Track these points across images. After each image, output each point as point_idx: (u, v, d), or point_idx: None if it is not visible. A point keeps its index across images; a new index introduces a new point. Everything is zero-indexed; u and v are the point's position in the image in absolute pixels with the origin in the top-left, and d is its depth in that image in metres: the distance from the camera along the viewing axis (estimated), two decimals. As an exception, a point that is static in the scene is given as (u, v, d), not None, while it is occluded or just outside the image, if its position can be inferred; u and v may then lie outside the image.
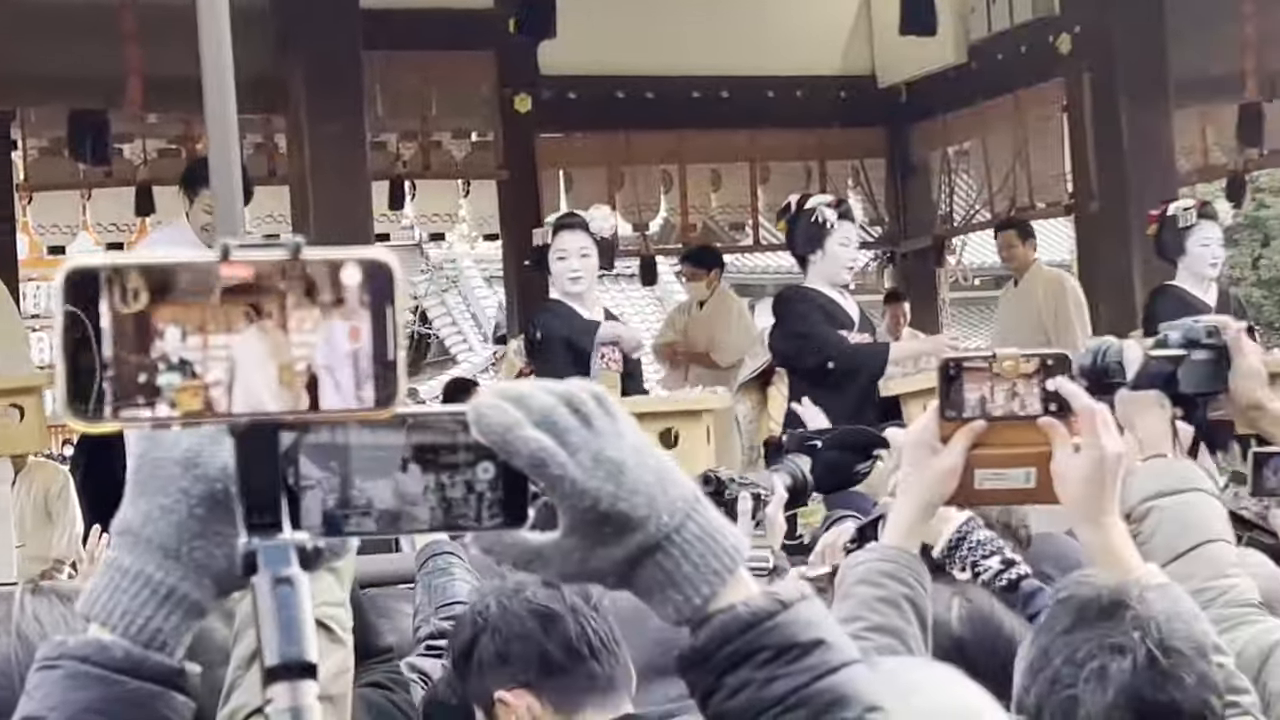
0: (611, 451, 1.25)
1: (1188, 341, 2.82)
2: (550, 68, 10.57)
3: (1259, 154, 11.49)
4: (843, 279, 7.81)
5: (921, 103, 11.64)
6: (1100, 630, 2.09)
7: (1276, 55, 9.48)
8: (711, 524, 1.28)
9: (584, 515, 1.25)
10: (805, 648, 1.27)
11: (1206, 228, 8.15)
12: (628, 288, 21.41)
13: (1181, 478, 2.75)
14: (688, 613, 1.27)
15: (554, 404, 1.25)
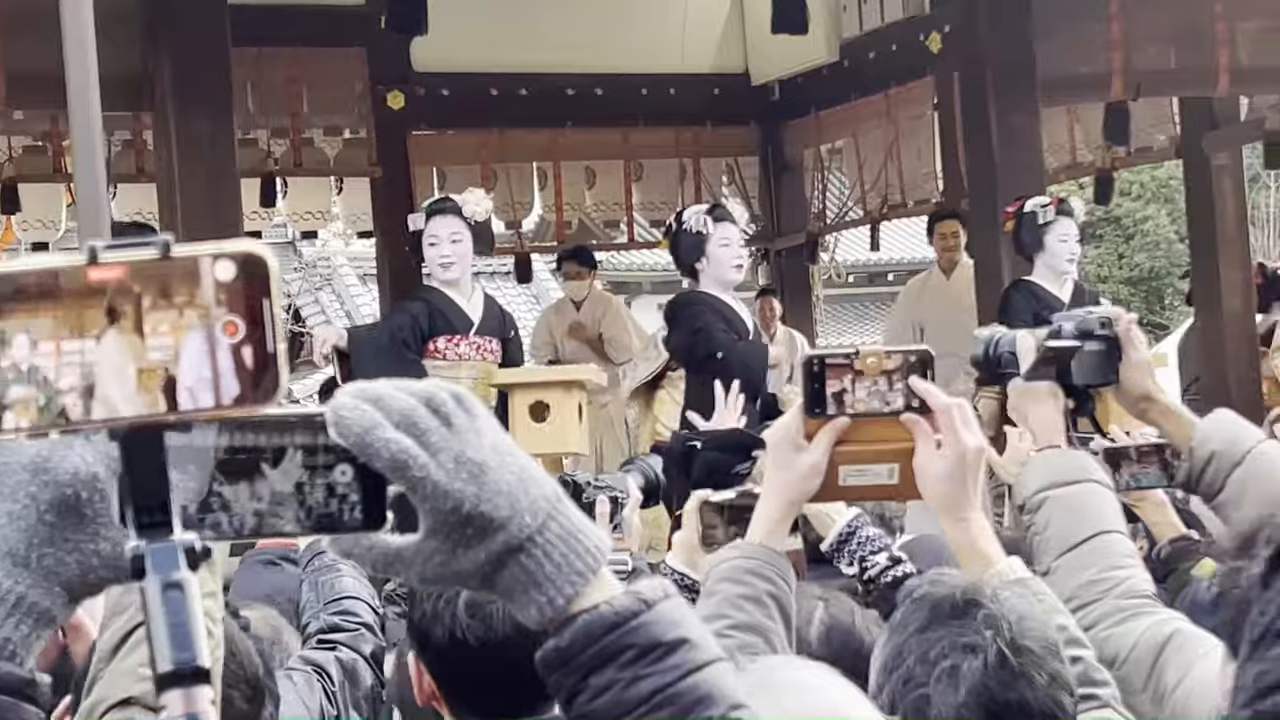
0: (473, 452, 1.24)
1: (1081, 333, 2.82)
2: (423, 64, 10.51)
3: (1125, 152, 11.67)
4: (732, 278, 7.87)
5: (794, 100, 11.70)
6: (953, 629, 2.10)
7: (1142, 55, 9.61)
8: (573, 524, 1.28)
9: (446, 517, 1.23)
10: (670, 647, 1.27)
11: (1064, 224, 8.26)
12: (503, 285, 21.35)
13: (1075, 468, 2.76)
14: (551, 613, 1.27)
15: (414, 405, 1.24)
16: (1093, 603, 2.62)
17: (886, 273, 30.94)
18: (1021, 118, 8.99)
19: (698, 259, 7.81)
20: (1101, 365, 2.83)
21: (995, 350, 2.95)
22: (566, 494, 3.33)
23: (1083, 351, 2.82)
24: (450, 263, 7.61)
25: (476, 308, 7.75)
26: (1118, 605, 2.61)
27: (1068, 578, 2.66)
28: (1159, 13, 9.56)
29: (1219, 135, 11.37)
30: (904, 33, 10.37)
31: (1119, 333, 2.83)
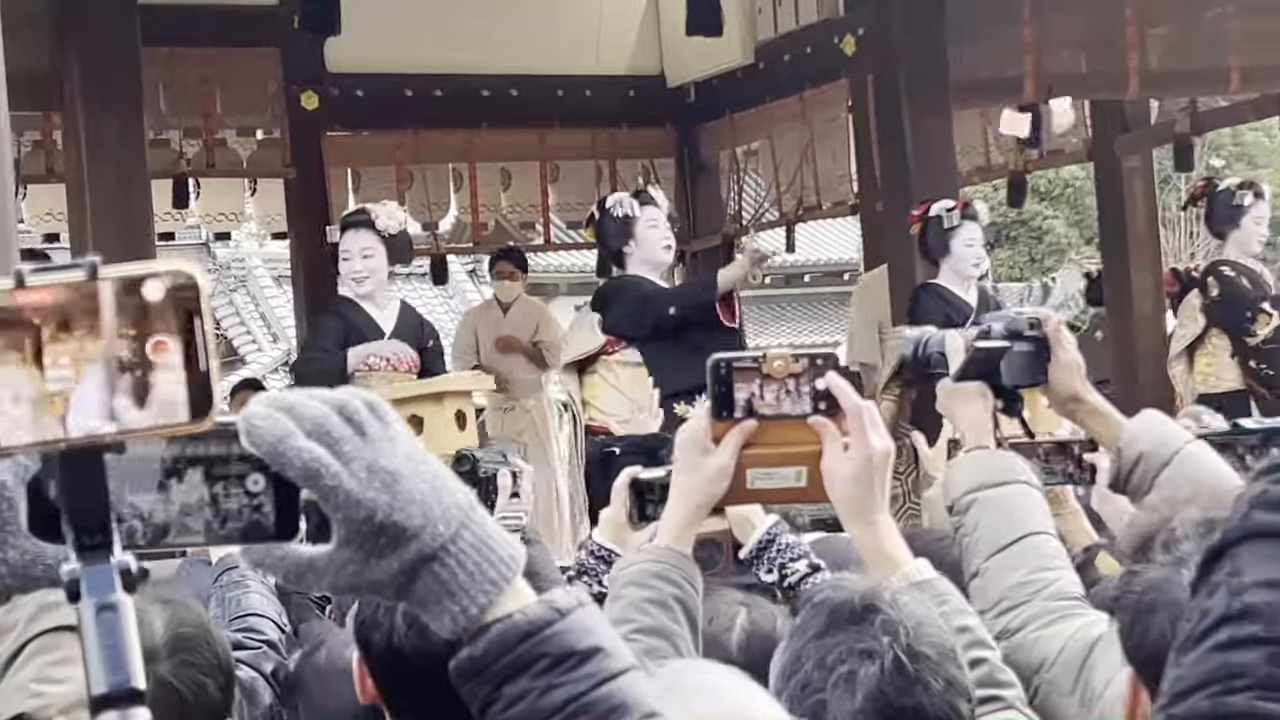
0: (386, 461, 1.24)
1: (1010, 334, 2.82)
2: (337, 65, 10.46)
3: (1038, 155, 11.77)
4: (663, 258, 7.90)
5: (710, 102, 11.72)
6: (851, 634, 2.09)
7: (1054, 58, 9.69)
8: (487, 532, 1.28)
9: (359, 527, 1.23)
10: (583, 655, 1.27)
11: (969, 228, 8.30)
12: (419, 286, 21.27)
13: (1004, 470, 2.77)
14: (464, 622, 1.26)
15: (326, 413, 1.23)
16: (1022, 604, 2.63)
17: (803, 274, 31.08)
18: (934, 120, 9.04)
19: (625, 243, 7.83)
20: (1030, 366, 2.83)
21: (924, 350, 2.95)
22: (464, 469, 3.34)
23: (1011, 352, 2.81)
24: (363, 277, 7.61)
25: (390, 318, 7.73)
26: (1046, 607, 2.62)
27: (996, 579, 2.67)
28: (1071, 17, 9.64)
29: (1130, 138, 11.49)
30: (818, 35, 10.41)
31: (1048, 333, 2.83)
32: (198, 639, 2.79)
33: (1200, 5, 9.85)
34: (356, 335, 7.60)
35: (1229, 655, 1.28)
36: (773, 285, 29.41)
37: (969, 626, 2.34)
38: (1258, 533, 1.33)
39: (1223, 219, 9.16)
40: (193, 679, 2.74)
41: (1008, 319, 2.86)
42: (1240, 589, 1.31)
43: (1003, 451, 2.83)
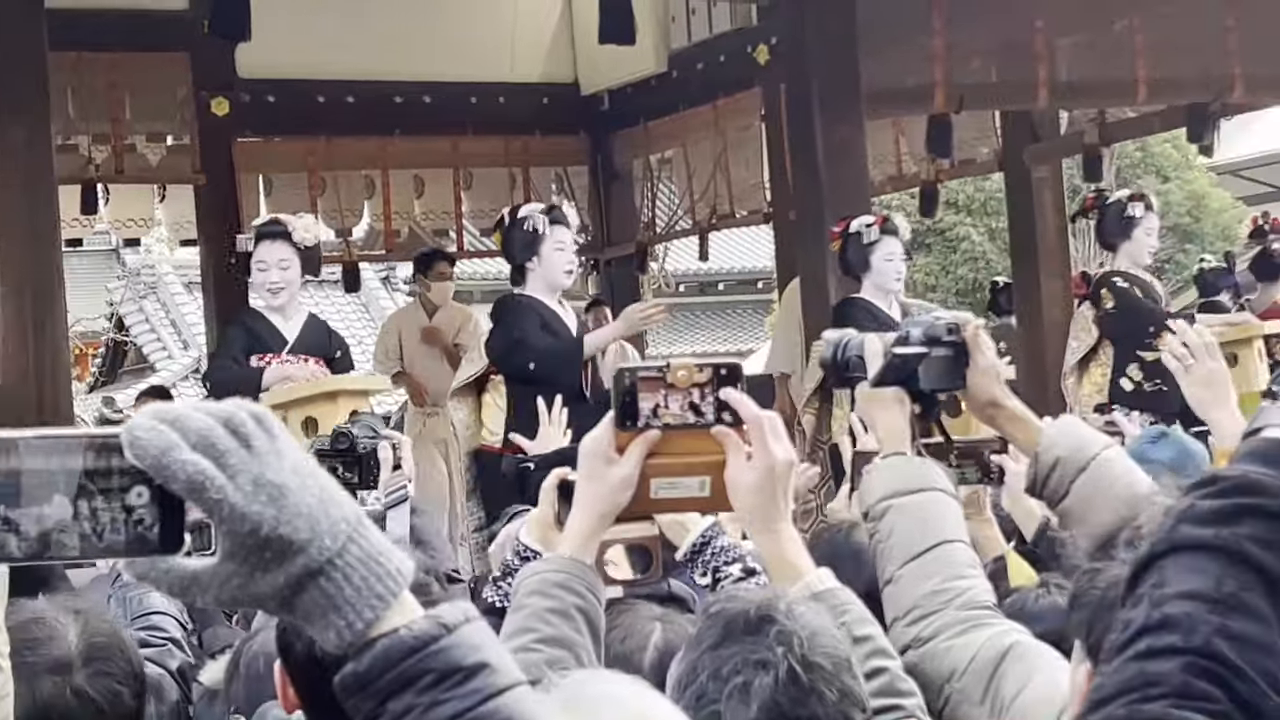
0: (272, 474, 1.22)
1: (928, 339, 2.81)
2: (249, 70, 10.38)
3: (949, 164, 11.85)
4: (563, 282, 7.85)
5: (624, 110, 11.73)
6: (746, 645, 2.10)
7: (964, 69, 9.76)
8: (375, 547, 1.27)
9: (244, 540, 1.21)
10: (469, 671, 1.26)
11: (889, 243, 8.33)
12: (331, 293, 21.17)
13: (919, 476, 2.76)
14: (350, 637, 1.25)
15: (212, 425, 1.21)
16: (934, 613, 2.63)
17: (717, 282, 31.17)
18: (846, 129, 9.07)
19: (529, 258, 7.79)
20: (948, 371, 2.82)
21: (843, 354, 2.93)
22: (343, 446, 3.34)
23: (930, 357, 2.80)
24: (279, 289, 7.56)
25: (294, 329, 7.68)
26: (958, 616, 2.61)
27: (910, 587, 2.66)
28: (981, 27, 9.71)
29: (1039, 148, 11.60)
30: (732, 44, 10.45)
31: (966, 338, 2.83)
32: (111, 648, 2.78)
33: (1108, 17, 9.94)
34: (260, 345, 7.56)
35: (1146, 664, 1.30)
36: (686, 293, 29.48)
37: (869, 636, 2.34)
38: (1183, 545, 1.35)
39: (1114, 231, 9.20)
40: (108, 688, 2.73)
41: (926, 324, 2.85)
42: (1161, 600, 1.33)
43: (919, 458, 2.83)
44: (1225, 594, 1.32)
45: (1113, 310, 8.92)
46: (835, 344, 2.94)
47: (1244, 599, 1.32)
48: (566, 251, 7.83)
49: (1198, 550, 1.34)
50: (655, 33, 10.99)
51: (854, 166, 9.14)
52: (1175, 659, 1.29)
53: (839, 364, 2.92)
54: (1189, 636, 1.30)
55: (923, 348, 2.81)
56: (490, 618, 3.29)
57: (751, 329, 30.42)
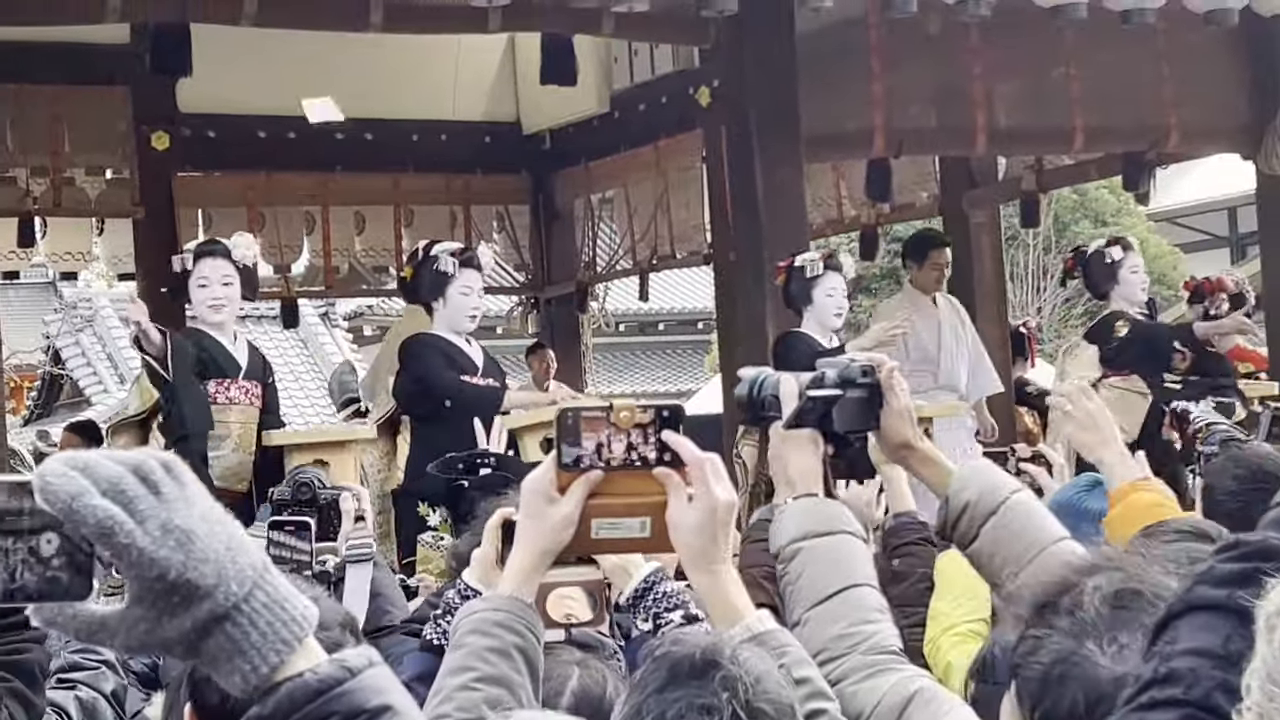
0: (180, 520, 1.24)
1: (843, 380, 2.81)
2: (190, 105, 10.37)
3: (889, 208, 11.93)
4: (465, 326, 7.83)
5: (565, 150, 11.77)
6: (691, 690, 2.09)
7: (903, 114, 9.83)
8: (280, 593, 1.28)
9: (151, 585, 1.22)
10: (373, 714, 1.28)
11: (832, 278, 8.42)
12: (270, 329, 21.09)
13: (829, 518, 2.75)
14: (255, 681, 1.27)
15: (122, 473, 1.23)
16: (841, 656, 2.63)
17: (657, 322, 31.21)
18: (786, 172, 9.12)
19: (435, 298, 7.82)
20: (862, 412, 2.82)
21: (759, 392, 2.92)
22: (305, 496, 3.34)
23: (844, 399, 2.80)
24: (221, 305, 7.55)
25: (242, 352, 7.69)
26: (865, 660, 2.61)
27: (818, 630, 2.66)
28: (919, 73, 9.79)
29: (977, 194, 11.69)
30: (673, 85, 10.49)
31: (880, 380, 2.85)
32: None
33: (1045, 65, 10.04)
34: (215, 367, 7.52)
35: (1148, 715, 1.35)
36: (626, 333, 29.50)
37: (809, 678, 2.35)
38: (1198, 605, 1.41)
39: (1101, 279, 9.44)
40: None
41: (841, 365, 2.86)
42: (1169, 655, 1.39)
43: (829, 500, 2.84)
44: (1231, 651, 1.36)
45: (1130, 338, 9.08)
46: (751, 382, 2.94)
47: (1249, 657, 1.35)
48: (472, 296, 7.80)
49: (1212, 610, 1.39)
50: (597, 73, 11.03)
51: (793, 208, 9.19)
52: (1175, 710, 1.35)
53: (754, 402, 2.91)
54: (1190, 690, 1.35)
55: (837, 390, 2.81)
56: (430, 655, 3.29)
57: (691, 369, 30.48)
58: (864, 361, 2.86)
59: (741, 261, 9.44)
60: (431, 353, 7.75)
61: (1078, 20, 8.61)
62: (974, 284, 11.53)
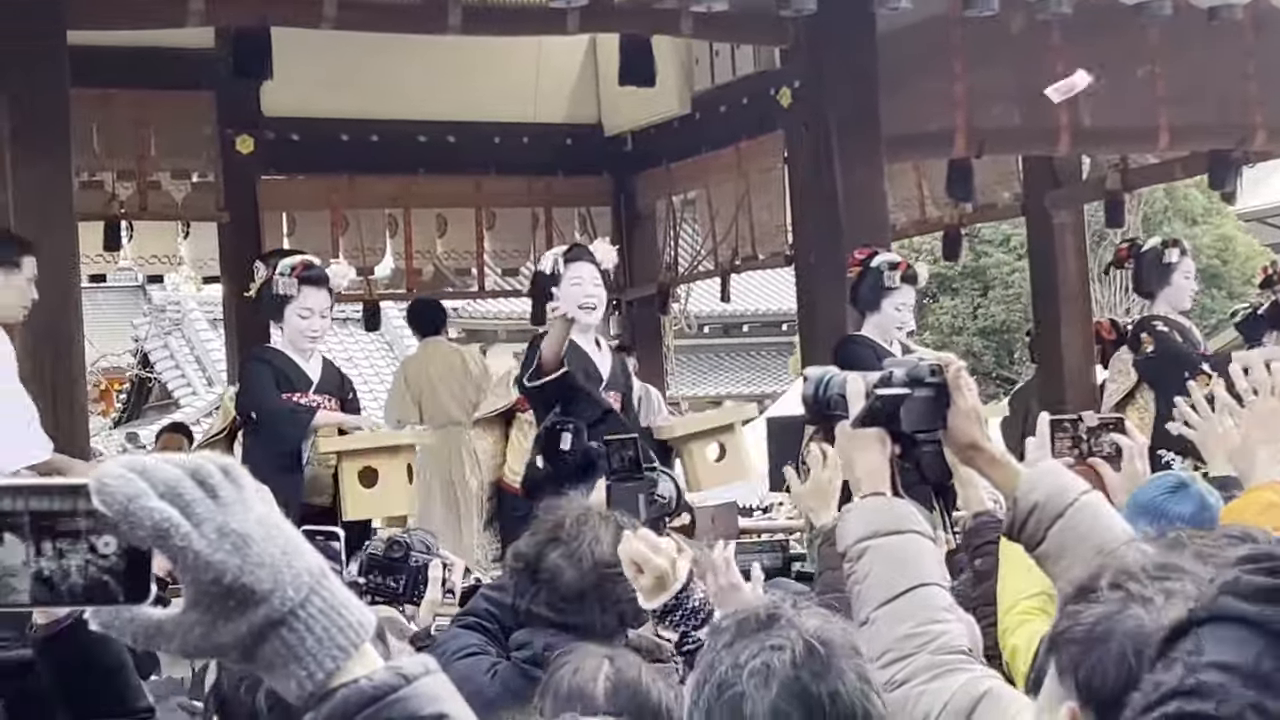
0: (237, 524, 1.24)
1: (911, 380, 2.79)
2: (273, 109, 10.46)
3: (972, 208, 11.85)
4: (580, 318, 7.82)
5: (647, 152, 11.77)
6: (759, 637, 2.14)
7: (985, 114, 9.77)
8: (336, 599, 1.28)
9: (208, 588, 1.23)
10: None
11: (905, 293, 8.26)
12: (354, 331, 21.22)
13: (897, 518, 2.75)
14: (310, 687, 1.27)
15: (179, 476, 1.24)
16: (909, 656, 2.61)
17: (741, 324, 31.18)
18: (866, 172, 9.08)
19: (548, 299, 7.81)
20: (929, 413, 2.80)
21: (825, 391, 2.91)
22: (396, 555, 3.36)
23: (911, 398, 2.79)
24: (318, 335, 7.62)
25: (315, 368, 7.73)
26: (932, 660, 2.60)
27: (885, 630, 2.65)
28: (1002, 72, 9.72)
29: (1061, 194, 11.59)
30: (754, 87, 10.47)
31: (948, 380, 2.82)
32: None
33: (1131, 63, 9.94)
34: (286, 385, 7.58)
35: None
36: (709, 335, 29.48)
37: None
38: (1224, 616, 1.37)
39: (1151, 279, 9.23)
40: None
41: (909, 365, 2.84)
42: (1196, 666, 1.34)
43: (897, 500, 2.82)
44: (1263, 672, 1.33)
45: (1152, 354, 8.93)
46: (817, 381, 2.92)
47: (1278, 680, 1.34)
48: (584, 285, 7.70)
49: (1239, 624, 1.36)
50: (678, 74, 11.03)
51: (874, 209, 9.15)
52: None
53: (820, 401, 2.90)
54: (1222, 705, 1.31)
55: (905, 389, 2.80)
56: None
57: (775, 371, 30.41)
58: (932, 360, 2.84)
59: (821, 263, 9.41)
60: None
61: (1162, 17, 8.52)
62: (1058, 284, 11.45)
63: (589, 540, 3.62)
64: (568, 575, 3.59)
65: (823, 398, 2.90)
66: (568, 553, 3.61)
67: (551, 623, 3.52)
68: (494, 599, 3.98)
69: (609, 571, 3.56)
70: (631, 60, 9.66)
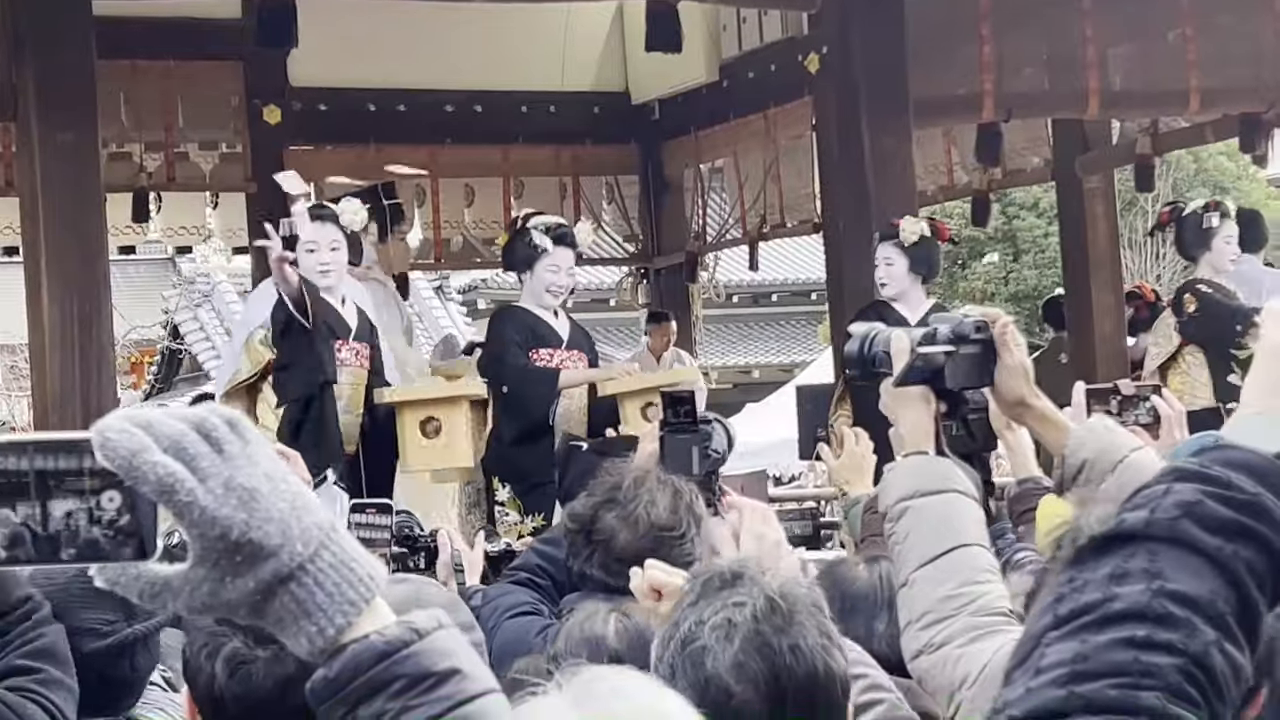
0: (244, 478, 1.22)
1: (956, 337, 2.74)
2: (300, 79, 10.44)
3: (1001, 173, 11.79)
4: (546, 302, 7.86)
5: (675, 120, 11.72)
6: (722, 595, 2.15)
7: (1014, 78, 9.71)
8: (347, 552, 1.26)
9: (214, 544, 1.21)
10: (441, 677, 1.26)
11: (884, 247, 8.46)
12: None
13: (939, 477, 2.71)
14: (321, 643, 1.25)
15: (184, 429, 1.21)
16: (949, 618, 2.58)
17: (770, 293, 31.08)
18: (893, 139, 9.05)
19: (524, 271, 7.88)
20: (976, 369, 2.76)
21: (870, 349, 2.86)
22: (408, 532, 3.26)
23: (957, 355, 2.74)
24: (329, 270, 7.60)
25: (351, 314, 7.72)
26: (972, 622, 2.57)
27: (926, 591, 2.62)
28: (1030, 36, 9.67)
29: (1090, 158, 11.52)
30: (782, 54, 10.42)
31: (994, 336, 2.78)
32: None
33: (1161, 26, 9.88)
34: (326, 329, 7.56)
35: (1144, 655, 1.29)
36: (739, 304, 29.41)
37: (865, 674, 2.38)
38: (1184, 542, 1.33)
39: (1193, 242, 9.25)
40: None
41: (954, 321, 2.78)
42: (1162, 592, 1.31)
43: (939, 458, 2.78)
44: (1219, 613, 1.31)
45: (1196, 314, 8.94)
46: (862, 338, 2.88)
47: (1231, 624, 1.32)
48: (560, 274, 7.83)
49: (1199, 555, 1.33)
50: (706, 42, 10.98)
51: (901, 175, 9.11)
52: (1174, 658, 1.29)
53: (864, 359, 2.86)
54: (1189, 641, 1.29)
55: (950, 345, 2.74)
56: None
57: (805, 340, 30.34)
58: (978, 317, 2.79)
59: (850, 229, 9.38)
60: (512, 327, 7.80)
61: (1192, -21, 8.47)
62: (1088, 249, 11.39)
63: (645, 503, 3.59)
64: (622, 538, 3.57)
65: (868, 355, 2.86)
66: (623, 515, 3.58)
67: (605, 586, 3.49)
68: (546, 553, 3.98)
69: (665, 535, 3.53)
70: (658, 26, 9.61)
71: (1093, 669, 1.29)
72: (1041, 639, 1.33)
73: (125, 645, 2.72)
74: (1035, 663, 1.32)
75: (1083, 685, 1.28)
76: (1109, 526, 1.36)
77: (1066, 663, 1.30)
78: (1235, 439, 1.40)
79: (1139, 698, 1.27)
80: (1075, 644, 1.31)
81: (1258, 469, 1.36)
